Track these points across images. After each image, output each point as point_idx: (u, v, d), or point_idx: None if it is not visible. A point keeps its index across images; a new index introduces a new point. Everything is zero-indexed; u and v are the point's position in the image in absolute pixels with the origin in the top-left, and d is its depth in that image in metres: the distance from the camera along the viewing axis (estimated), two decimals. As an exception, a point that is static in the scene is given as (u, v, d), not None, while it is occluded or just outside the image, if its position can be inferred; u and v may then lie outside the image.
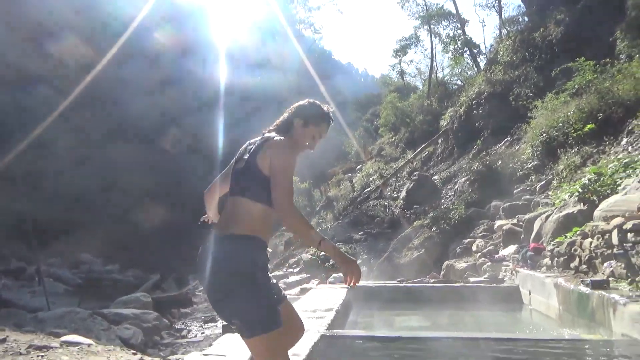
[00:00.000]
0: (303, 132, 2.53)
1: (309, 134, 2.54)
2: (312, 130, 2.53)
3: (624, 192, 7.16)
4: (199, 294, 19.28)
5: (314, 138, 2.56)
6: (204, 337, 11.69)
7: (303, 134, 2.53)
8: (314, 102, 2.59)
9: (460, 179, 17.60)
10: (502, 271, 9.10)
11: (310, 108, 2.56)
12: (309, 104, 2.58)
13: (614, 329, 4.77)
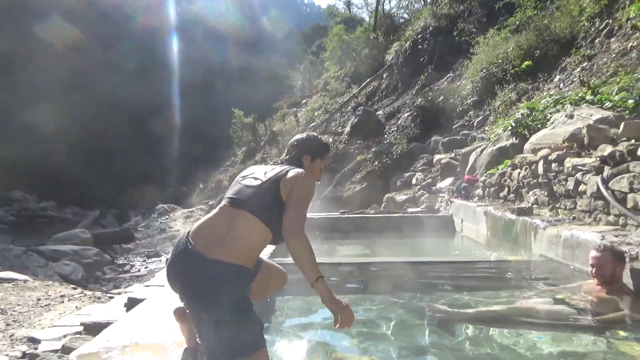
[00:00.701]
0: (312, 167, 2.59)
1: (317, 168, 2.62)
2: (319, 164, 2.62)
3: (552, 126, 7.56)
4: (141, 229, 19.04)
5: (320, 170, 2.65)
6: (148, 271, 11.67)
7: (312, 169, 2.60)
8: (315, 137, 2.70)
9: (404, 114, 17.87)
10: (438, 202, 9.57)
11: (314, 143, 2.65)
12: (312, 139, 2.67)
13: (533, 251, 5.22)
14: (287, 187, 2.29)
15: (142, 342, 2.72)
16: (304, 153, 2.57)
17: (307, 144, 2.61)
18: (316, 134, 2.75)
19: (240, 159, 25.45)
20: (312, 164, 2.57)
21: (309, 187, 2.35)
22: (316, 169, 2.60)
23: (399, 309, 3.70)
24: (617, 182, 4.50)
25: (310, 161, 2.56)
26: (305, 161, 2.55)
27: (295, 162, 2.53)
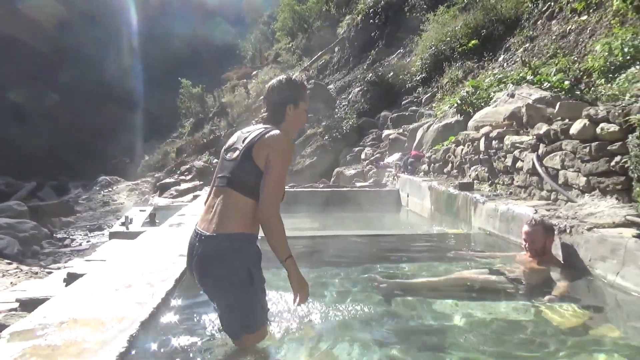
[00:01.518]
0: (297, 114, 2.48)
1: (302, 113, 2.50)
2: (302, 107, 2.48)
3: (495, 104, 7.85)
4: (82, 202, 18.26)
5: (305, 110, 2.52)
6: (90, 245, 11.28)
7: (298, 116, 2.49)
8: (289, 80, 2.51)
9: (354, 89, 17.93)
10: (385, 177, 9.77)
11: (292, 88, 2.47)
12: (288, 84, 2.47)
13: (473, 224, 5.46)
14: (261, 156, 2.26)
15: (80, 318, 2.63)
16: (287, 103, 2.43)
17: (286, 93, 2.45)
18: (288, 76, 2.55)
19: (187, 131, 24.75)
20: (297, 110, 2.45)
21: (284, 155, 2.30)
22: (301, 115, 2.49)
23: (344, 279, 3.79)
24: (551, 159, 4.76)
25: (295, 108, 2.44)
26: (290, 111, 2.43)
27: (279, 117, 2.44)
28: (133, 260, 3.94)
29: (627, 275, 3.17)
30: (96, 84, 32.37)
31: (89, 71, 31.56)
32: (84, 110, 31.28)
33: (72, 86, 31.59)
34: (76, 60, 31.93)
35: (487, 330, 2.81)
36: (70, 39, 32.55)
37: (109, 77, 32.81)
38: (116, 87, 32.96)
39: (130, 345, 2.34)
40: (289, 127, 2.47)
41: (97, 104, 31.82)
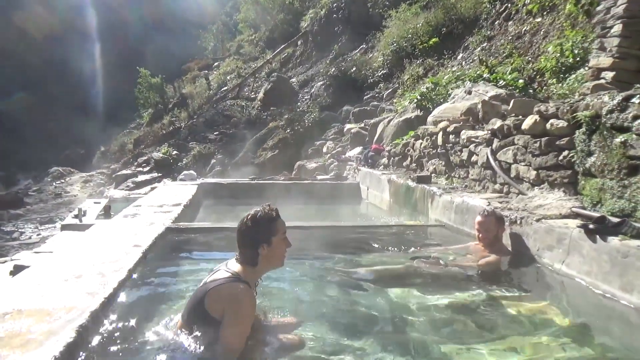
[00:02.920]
0: (273, 249, 2.34)
1: (279, 243, 2.36)
2: (277, 240, 2.35)
3: (453, 100, 8.03)
4: (32, 194, 17.48)
5: (283, 240, 2.38)
6: (41, 238, 10.83)
7: (275, 249, 2.35)
8: (255, 219, 2.32)
9: (317, 83, 17.95)
10: (346, 170, 9.85)
11: (259, 228, 2.31)
12: (254, 224, 2.32)
13: (430, 216, 5.59)
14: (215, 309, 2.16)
15: (26, 309, 2.52)
16: (257, 245, 2.30)
17: (253, 236, 2.30)
18: (253, 214, 2.33)
19: (146, 121, 24.06)
20: (271, 246, 2.31)
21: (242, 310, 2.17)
22: (279, 246, 2.34)
23: (302, 269, 3.80)
24: (504, 153, 4.93)
25: (268, 246, 2.30)
26: (264, 251, 2.30)
27: (253, 260, 2.31)
28: (84, 251, 3.81)
29: (572, 263, 3.33)
30: (47, 70, 30.96)
31: (40, 56, 30.13)
32: (27, 93, 29.85)
33: (21, 71, 30.09)
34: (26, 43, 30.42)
35: (441, 315, 2.89)
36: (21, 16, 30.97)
37: (60, 62, 31.43)
38: (69, 74, 31.63)
39: (79, 336, 2.27)
40: (267, 265, 2.40)
41: (47, 90, 30.45)
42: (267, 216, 2.31)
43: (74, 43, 32.49)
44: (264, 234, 2.29)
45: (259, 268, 2.35)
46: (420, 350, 2.43)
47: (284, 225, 2.37)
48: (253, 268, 2.33)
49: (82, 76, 32.13)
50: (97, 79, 32.96)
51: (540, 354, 2.38)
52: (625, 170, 3.38)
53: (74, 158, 23.95)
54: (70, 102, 30.28)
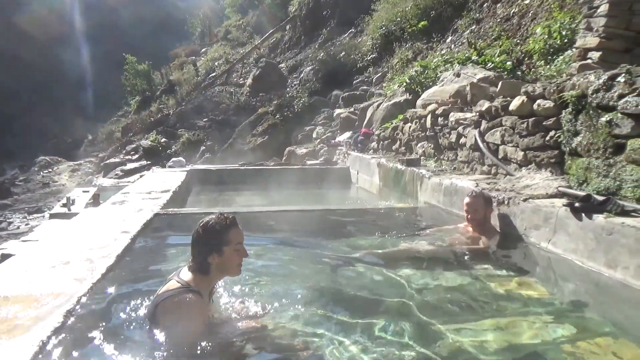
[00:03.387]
0: (225, 259, 2.26)
1: (232, 254, 2.27)
2: (230, 250, 2.25)
3: (442, 83, 8.02)
4: (19, 183, 17.28)
5: (237, 250, 2.28)
6: (29, 228, 10.74)
7: (227, 259, 2.26)
8: (206, 227, 2.26)
9: (306, 68, 17.83)
10: (336, 155, 9.84)
11: (210, 237, 2.24)
12: (205, 232, 2.25)
13: (419, 198, 5.61)
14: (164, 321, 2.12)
15: (12, 295, 2.51)
16: (207, 254, 2.23)
17: (204, 244, 2.24)
18: (205, 222, 2.27)
19: (134, 109, 23.79)
20: (223, 256, 2.23)
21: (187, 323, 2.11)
22: (231, 256, 2.26)
23: (293, 252, 3.81)
24: (492, 134, 4.94)
25: (219, 256, 2.23)
26: (214, 260, 2.24)
27: (204, 269, 2.25)
28: (72, 238, 3.79)
29: (558, 241, 3.37)
30: (34, 58, 30.38)
31: (22, 43, 29.53)
32: (16, 84, 29.30)
33: (6, 57, 29.51)
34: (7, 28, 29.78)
35: (431, 295, 2.92)
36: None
37: (45, 48, 30.85)
38: (54, 61, 31.07)
39: (67, 321, 2.26)
40: (220, 274, 2.33)
41: (32, 78, 29.91)
42: (219, 225, 2.24)
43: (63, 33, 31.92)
44: (215, 243, 2.23)
45: (211, 276, 2.29)
46: (410, 328, 2.45)
47: (239, 236, 2.29)
48: (204, 276, 2.26)
49: (69, 64, 31.60)
50: (83, 67, 32.44)
51: (527, 331, 2.42)
52: (611, 149, 3.41)
53: (61, 147, 23.68)
54: (56, 91, 29.80)
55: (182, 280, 2.21)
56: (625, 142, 3.29)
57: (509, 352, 2.20)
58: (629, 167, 3.25)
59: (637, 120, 3.19)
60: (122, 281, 2.98)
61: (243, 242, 2.32)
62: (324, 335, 2.35)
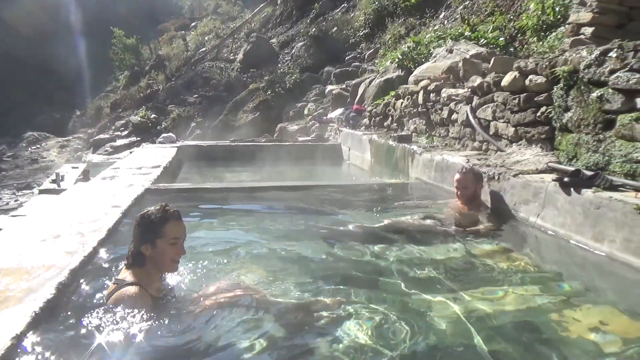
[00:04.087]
0: (157, 252, 2.21)
1: (164, 249, 2.21)
2: (163, 244, 2.20)
3: (434, 59, 7.97)
4: (7, 160, 17.06)
5: (173, 245, 2.23)
6: (18, 204, 10.64)
7: (158, 254, 2.21)
8: (143, 217, 2.23)
9: (297, 43, 17.58)
10: (328, 131, 9.80)
11: (145, 227, 2.21)
12: (141, 222, 2.23)
13: (411, 174, 5.64)
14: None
15: (3, 268, 2.50)
16: (140, 244, 2.20)
17: (138, 234, 2.21)
18: (142, 213, 2.25)
19: (122, 84, 23.40)
20: (155, 249, 2.19)
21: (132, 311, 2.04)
22: (166, 250, 2.21)
23: (286, 226, 3.83)
24: (483, 110, 4.95)
25: (152, 247, 2.19)
26: (147, 251, 2.20)
27: (138, 261, 2.21)
28: (62, 213, 3.77)
29: (546, 216, 3.41)
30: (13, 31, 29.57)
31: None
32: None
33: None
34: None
35: (420, 268, 2.96)
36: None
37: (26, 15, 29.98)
38: (40, 39, 30.30)
39: (59, 293, 2.26)
40: (155, 268, 2.27)
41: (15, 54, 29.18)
42: (156, 216, 2.20)
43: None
44: (148, 234, 2.20)
45: (148, 270, 2.23)
46: (399, 299, 2.49)
47: (177, 230, 2.24)
48: (141, 269, 2.21)
49: (53, 38, 30.81)
50: (70, 40, 31.64)
51: (515, 301, 2.47)
52: (601, 125, 3.44)
53: (48, 123, 23.28)
54: (42, 65, 29.12)
55: (118, 280, 2.19)
56: (615, 118, 3.31)
57: (496, 321, 2.25)
58: (618, 143, 3.28)
59: (628, 95, 3.21)
60: (114, 254, 2.98)
61: (182, 238, 2.27)
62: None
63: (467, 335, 2.12)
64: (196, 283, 2.57)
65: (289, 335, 2.13)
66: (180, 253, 2.28)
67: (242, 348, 2.01)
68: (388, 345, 2.02)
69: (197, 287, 2.49)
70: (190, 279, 2.62)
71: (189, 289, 2.48)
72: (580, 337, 2.09)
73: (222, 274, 2.72)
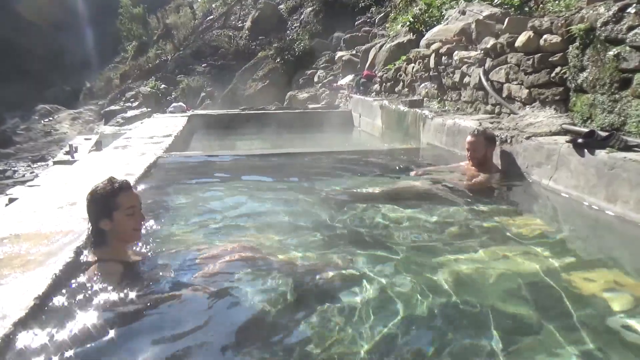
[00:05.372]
0: (117, 224, 2.20)
1: (122, 220, 2.20)
2: (120, 215, 2.19)
3: (446, 22, 7.77)
4: (21, 132, 17.25)
5: (131, 215, 2.23)
6: (34, 176, 10.84)
7: (118, 225, 2.20)
8: (92, 194, 2.22)
9: (306, 9, 17.24)
10: (338, 98, 9.72)
11: (97, 203, 2.20)
12: (92, 199, 2.22)
13: (422, 140, 5.60)
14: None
15: (23, 233, 2.57)
16: (98, 220, 2.19)
17: (92, 209, 2.21)
18: (92, 189, 2.24)
19: (131, 55, 23.26)
20: (114, 221, 2.19)
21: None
22: (122, 222, 2.20)
23: (297, 191, 3.86)
24: (496, 73, 4.85)
25: (111, 221, 2.18)
26: (107, 226, 2.20)
27: (98, 235, 2.22)
28: (77, 181, 3.83)
29: (559, 178, 3.39)
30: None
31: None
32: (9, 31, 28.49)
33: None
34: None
35: (431, 229, 2.97)
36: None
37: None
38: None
39: (77, 257, 2.33)
40: (119, 242, 2.27)
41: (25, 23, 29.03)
42: (105, 191, 2.20)
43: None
44: (103, 209, 2.20)
45: (113, 246, 2.25)
46: (405, 262, 2.51)
47: (130, 199, 2.24)
48: (105, 248, 2.23)
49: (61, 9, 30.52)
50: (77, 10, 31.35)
51: (526, 261, 2.48)
52: (617, 84, 3.35)
53: (59, 96, 23.35)
54: (50, 38, 28.99)
55: (84, 266, 2.22)
56: (632, 77, 3.23)
57: (507, 281, 2.27)
58: (635, 102, 3.20)
59: (646, 53, 3.12)
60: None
61: (138, 206, 2.28)
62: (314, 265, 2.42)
63: (477, 294, 2.14)
64: (204, 247, 2.61)
65: (300, 296, 2.17)
66: (140, 219, 2.30)
67: (252, 309, 2.05)
68: (396, 304, 2.05)
69: (204, 251, 2.53)
70: (199, 242, 2.67)
71: (196, 254, 2.52)
72: (593, 296, 2.11)
73: (231, 238, 2.75)
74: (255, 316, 1.99)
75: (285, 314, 2.02)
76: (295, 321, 1.96)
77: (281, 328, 1.93)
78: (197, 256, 2.46)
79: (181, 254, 2.51)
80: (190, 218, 3.20)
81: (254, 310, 2.03)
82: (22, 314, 1.77)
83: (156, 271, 2.31)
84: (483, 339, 1.81)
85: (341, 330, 1.87)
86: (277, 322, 1.97)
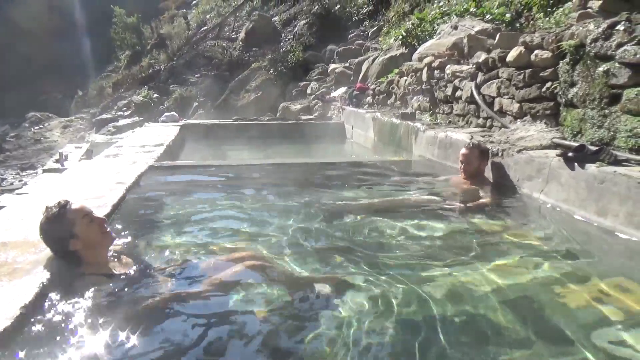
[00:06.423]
0: (85, 238, 2.20)
1: (87, 230, 2.21)
2: (82, 228, 2.20)
3: (438, 36, 7.86)
4: (10, 140, 17.09)
5: (90, 221, 2.23)
6: (23, 184, 10.71)
7: (87, 237, 2.20)
8: (46, 224, 2.21)
9: (300, 21, 17.37)
10: (331, 110, 9.76)
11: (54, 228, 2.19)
12: (47, 229, 2.21)
13: (414, 152, 5.63)
14: None
15: (10, 241, 2.53)
16: (65, 244, 2.18)
17: (53, 239, 2.21)
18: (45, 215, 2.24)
19: (124, 64, 23.24)
20: (80, 236, 2.19)
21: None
22: (89, 232, 2.21)
23: (288, 202, 3.84)
24: (488, 87, 4.90)
25: (78, 238, 2.19)
26: (78, 245, 2.19)
27: (72, 259, 2.21)
28: (67, 189, 3.79)
29: (550, 191, 3.41)
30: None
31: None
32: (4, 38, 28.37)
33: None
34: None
35: (423, 242, 2.97)
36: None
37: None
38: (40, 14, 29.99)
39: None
40: (93, 252, 2.26)
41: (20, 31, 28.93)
42: (53, 217, 2.20)
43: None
44: (63, 233, 2.19)
45: (88, 262, 2.24)
46: (398, 274, 2.49)
47: (78, 210, 2.24)
48: (83, 267, 2.22)
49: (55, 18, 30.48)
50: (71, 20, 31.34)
51: (517, 274, 2.48)
52: (606, 100, 3.40)
53: (50, 103, 23.24)
54: (44, 46, 28.89)
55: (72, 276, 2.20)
56: (621, 92, 3.27)
57: (499, 293, 2.27)
58: (624, 117, 3.25)
59: (634, 69, 3.17)
60: (118, 230, 3.01)
61: (90, 212, 2.28)
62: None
63: (468, 307, 2.13)
64: (196, 261, 2.59)
65: (292, 308, 2.15)
66: (101, 223, 2.29)
67: (248, 318, 2.04)
68: (389, 316, 2.04)
69: (196, 264, 2.51)
70: (189, 253, 2.65)
71: (187, 265, 2.50)
72: (583, 308, 2.11)
73: (222, 249, 2.73)
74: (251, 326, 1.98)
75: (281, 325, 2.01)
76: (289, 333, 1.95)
77: (275, 338, 1.91)
78: (193, 265, 2.44)
79: (172, 263, 2.49)
80: (182, 227, 3.17)
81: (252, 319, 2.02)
82: (8, 324, 1.73)
83: (146, 281, 2.28)
84: (475, 351, 1.80)
85: (335, 343, 1.85)
86: (273, 331, 1.95)
